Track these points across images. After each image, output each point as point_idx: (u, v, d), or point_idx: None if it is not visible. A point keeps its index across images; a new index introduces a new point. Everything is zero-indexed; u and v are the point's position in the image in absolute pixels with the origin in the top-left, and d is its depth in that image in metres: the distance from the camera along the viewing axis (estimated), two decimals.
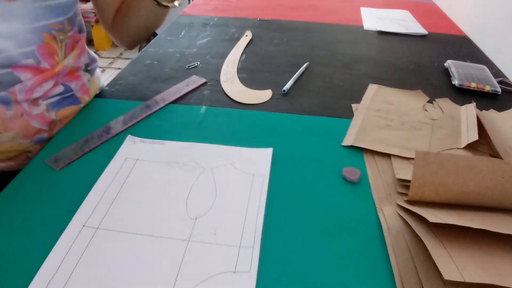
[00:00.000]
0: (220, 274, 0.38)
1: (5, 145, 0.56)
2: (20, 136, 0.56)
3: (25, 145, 0.58)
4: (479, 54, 0.93)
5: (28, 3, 0.51)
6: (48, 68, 0.57)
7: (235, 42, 0.93)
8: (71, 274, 0.37)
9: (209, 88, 0.72)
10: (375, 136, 0.58)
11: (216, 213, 0.45)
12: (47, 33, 0.55)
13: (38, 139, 0.59)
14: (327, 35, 1.01)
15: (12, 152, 0.57)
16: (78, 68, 0.63)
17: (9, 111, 0.54)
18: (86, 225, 0.42)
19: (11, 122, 0.55)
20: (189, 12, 1.15)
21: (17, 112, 0.55)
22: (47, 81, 0.57)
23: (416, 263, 0.38)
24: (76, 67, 0.62)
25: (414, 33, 1.03)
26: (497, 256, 0.37)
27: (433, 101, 0.69)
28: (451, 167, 0.43)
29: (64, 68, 0.59)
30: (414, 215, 0.43)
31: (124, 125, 0.59)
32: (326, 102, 0.69)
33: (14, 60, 0.53)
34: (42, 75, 0.56)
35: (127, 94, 0.68)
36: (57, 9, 0.56)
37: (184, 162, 0.52)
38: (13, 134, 0.55)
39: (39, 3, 0.52)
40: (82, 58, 0.64)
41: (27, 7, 0.51)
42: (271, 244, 0.41)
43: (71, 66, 0.61)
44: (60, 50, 0.58)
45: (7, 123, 0.55)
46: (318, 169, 0.52)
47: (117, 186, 0.48)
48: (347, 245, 0.42)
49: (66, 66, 0.60)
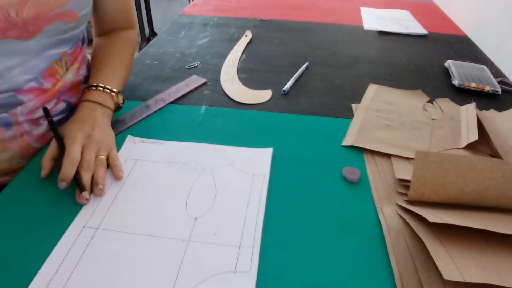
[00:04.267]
0: (220, 274, 0.38)
1: (3, 164, 0.54)
2: (18, 155, 0.54)
3: (23, 163, 0.55)
4: (479, 54, 0.93)
5: (43, 38, 0.51)
6: (50, 87, 0.55)
7: (235, 42, 0.93)
8: (71, 274, 0.37)
9: (209, 88, 0.72)
10: (375, 136, 0.58)
11: (216, 213, 0.45)
12: (55, 60, 0.55)
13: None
14: (327, 35, 1.01)
15: (9, 168, 0.55)
16: (78, 83, 0.61)
17: (8, 132, 0.52)
18: (86, 225, 0.42)
19: (10, 142, 0.53)
20: (189, 12, 1.15)
21: (17, 132, 0.53)
22: (49, 101, 0.56)
23: (416, 263, 0.38)
24: (76, 82, 0.60)
25: (414, 33, 1.03)
26: (497, 256, 0.37)
27: (433, 101, 0.69)
28: (451, 167, 0.43)
29: (65, 84, 0.58)
30: (414, 215, 0.43)
31: (124, 126, 0.59)
32: (326, 102, 0.69)
33: (19, 85, 0.51)
34: (43, 95, 0.54)
35: (127, 94, 0.68)
36: (69, 40, 0.56)
37: (184, 162, 0.52)
38: (11, 154, 0.54)
39: (52, 38, 0.52)
40: (81, 71, 0.62)
41: (41, 42, 0.51)
42: (271, 244, 0.41)
43: (71, 81, 0.59)
44: (61, 68, 0.57)
45: (5, 143, 0.53)
46: (318, 169, 0.52)
47: (117, 186, 0.48)
48: (347, 245, 0.42)
49: (67, 81, 0.58)
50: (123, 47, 0.66)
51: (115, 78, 0.60)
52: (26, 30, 0.48)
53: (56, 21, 0.50)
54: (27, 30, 0.48)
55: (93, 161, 0.48)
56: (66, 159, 0.46)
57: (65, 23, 0.52)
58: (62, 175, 0.45)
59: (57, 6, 0.50)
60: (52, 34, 0.51)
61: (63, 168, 0.45)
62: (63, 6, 0.50)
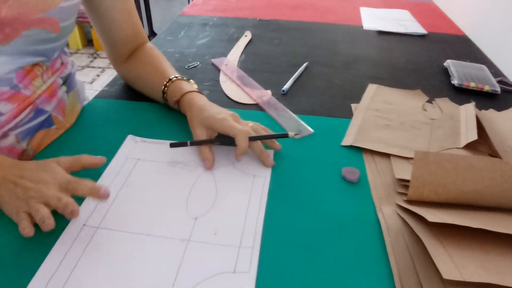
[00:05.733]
0: (219, 274, 0.38)
1: None
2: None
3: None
4: (478, 54, 0.93)
5: (19, 45, 0.47)
6: (28, 95, 0.51)
7: (234, 42, 0.93)
8: (71, 273, 0.37)
9: (208, 88, 0.72)
10: (375, 136, 0.58)
11: (217, 213, 0.45)
12: (29, 66, 0.51)
13: None
14: (326, 35, 1.01)
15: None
16: (55, 85, 0.56)
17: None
18: (86, 224, 0.42)
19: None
20: (189, 12, 1.15)
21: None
22: (24, 110, 0.51)
23: (416, 263, 0.38)
24: (53, 83, 0.56)
25: (413, 33, 1.03)
26: (496, 255, 0.37)
27: (433, 101, 0.69)
28: (451, 166, 0.43)
29: (42, 92, 0.53)
30: (414, 215, 0.43)
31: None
32: (326, 102, 0.69)
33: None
34: (21, 106, 0.50)
35: (126, 94, 0.68)
36: (46, 52, 0.53)
37: (185, 162, 0.52)
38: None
39: (29, 47, 0.49)
40: (64, 70, 0.58)
41: (17, 49, 0.48)
42: (270, 244, 0.41)
43: (48, 85, 0.55)
44: (40, 75, 0.53)
45: None
46: (317, 169, 0.52)
47: (118, 185, 0.48)
48: (347, 245, 0.42)
49: (44, 88, 0.54)
50: (160, 60, 0.66)
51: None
52: (2, 31, 0.45)
53: (36, 27, 0.47)
54: (3, 32, 0.45)
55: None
56: (240, 134, 0.50)
57: (45, 31, 0.49)
58: (240, 149, 0.50)
59: (38, 10, 0.47)
60: (30, 41, 0.48)
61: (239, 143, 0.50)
62: (45, 11, 0.47)
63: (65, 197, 0.40)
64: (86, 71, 2.60)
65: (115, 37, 0.64)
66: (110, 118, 0.62)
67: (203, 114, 0.53)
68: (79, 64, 2.67)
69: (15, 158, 0.50)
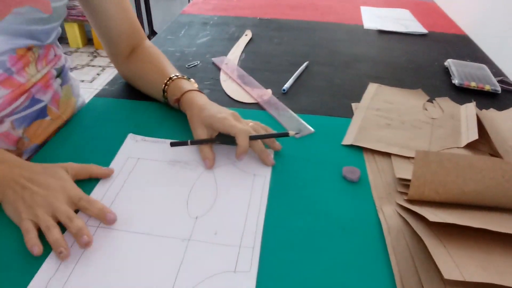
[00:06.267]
0: (220, 274, 0.38)
1: None
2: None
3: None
4: (479, 53, 0.93)
5: (11, 24, 0.47)
6: (22, 82, 0.51)
7: (235, 41, 0.93)
8: (71, 272, 0.37)
9: (209, 87, 0.72)
10: (375, 135, 0.58)
11: (217, 213, 0.45)
12: (22, 48, 0.51)
13: None
14: (327, 34, 1.01)
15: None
16: (49, 75, 0.57)
17: None
18: (86, 223, 0.42)
19: None
20: (189, 11, 1.15)
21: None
22: (19, 98, 0.51)
23: (416, 262, 0.38)
24: (48, 73, 0.57)
25: (414, 32, 1.03)
26: (497, 255, 0.37)
27: (433, 100, 0.69)
28: (451, 166, 0.43)
29: (38, 81, 0.54)
30: (414, 214, 0.43)
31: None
32: (326, 101, 0.69)
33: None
34: (15, 92, 0.50)
35: (127, 93, 0.68)
36: (38, 34, 0.53)
37: (186, 161, 0.52)
38: None
39: (22, 26, 0.49)
40: (58, 61, 0.59)
41: (8, 28, 0.48)
42: (271, 244, 0.41)
43: (43, 74, 0.55)
44: (33, 62, 0.53)
45: None
46: (318, 168, 0.52)
47: (118, 185, 0.48)
48: (347, 244, 0.42)
49: (39, 77, 0.54)
50: (160, 59, 0.65)
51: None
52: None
53: (27, 5, 0.47)
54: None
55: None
56: (240, 133, 0.50)
57: (36, 9, 0.48)
58: (241, 148, 0.50)
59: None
60: (22, 20, 0.48)
61: (239, 141, 0.50)
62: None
63: (76, 219, 0.40)
64: (86, 70, 2.59)
65: (111, 33, 0.64)
66: (110, 117, 0.61)
67: (203, 113, 0.53)
68: (79, 63, 2.67)
69: (10, 145, 0.51)
